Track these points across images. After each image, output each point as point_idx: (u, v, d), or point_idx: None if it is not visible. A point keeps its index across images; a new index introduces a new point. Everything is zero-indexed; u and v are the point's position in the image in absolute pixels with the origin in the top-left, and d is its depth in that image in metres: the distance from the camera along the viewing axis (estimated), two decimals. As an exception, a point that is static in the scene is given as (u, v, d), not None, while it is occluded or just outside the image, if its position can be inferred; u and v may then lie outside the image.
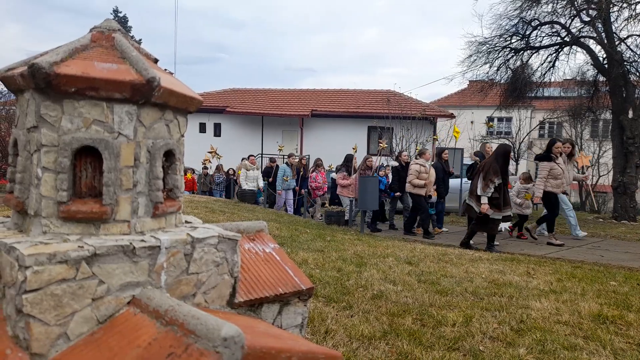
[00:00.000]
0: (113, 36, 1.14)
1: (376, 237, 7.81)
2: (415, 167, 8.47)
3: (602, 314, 3.31)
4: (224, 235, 1.20)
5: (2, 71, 1.13)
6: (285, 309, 1.37)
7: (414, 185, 8.38)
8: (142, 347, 0.85)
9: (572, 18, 13.73)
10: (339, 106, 21.70)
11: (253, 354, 0.82)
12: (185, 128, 1.27)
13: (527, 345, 2.72)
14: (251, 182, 11.75)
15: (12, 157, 1.16)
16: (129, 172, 1.08)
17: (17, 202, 1.09)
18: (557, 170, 7.52)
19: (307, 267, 4.32)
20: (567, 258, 6.24)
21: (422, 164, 8.45)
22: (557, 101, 20.68)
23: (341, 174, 9.66)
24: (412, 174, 8.42)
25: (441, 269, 4.69)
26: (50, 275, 0.90)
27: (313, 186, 11.13)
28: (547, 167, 7.55)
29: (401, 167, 9.60)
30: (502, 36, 14.52)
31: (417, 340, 2.71)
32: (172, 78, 1.23)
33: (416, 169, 8.42)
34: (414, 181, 8.35)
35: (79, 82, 1.00)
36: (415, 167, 8.46)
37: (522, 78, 14.72)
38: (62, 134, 1.02)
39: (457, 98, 27.64)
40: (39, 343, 0.90)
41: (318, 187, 11.21)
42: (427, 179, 8.39)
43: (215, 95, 24.00)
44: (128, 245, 1.00)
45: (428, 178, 8.41)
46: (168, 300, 0.95)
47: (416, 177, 8.36)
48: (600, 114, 17.01)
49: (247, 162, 12.14)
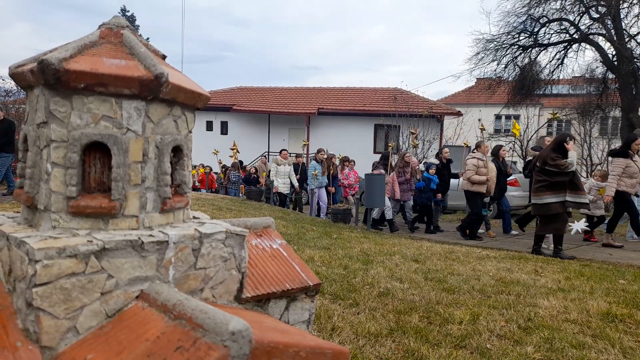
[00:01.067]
0: (122, 33, 1.15)
1: (382, 234, 7.80)
2: (472, 161, 7.65)
3: (611, 313, 3.29)
4: (232, 230, 1.20)
5: (13, 68, 1.14)
6: (292, 304, 1.37)
7: (472, 182, 7.55)
8: (150, 340, 0.85)
9: (581, 15, 13.61)
10: (346, 104, 21.69)
11: (261, 349, 0.82)
12: (193, 124, 1.27)
13: (535, 344, 2.70)
14: (282, 177, 10.78)
15: (22, 152, 1.17)
16: (138, 168, 1.08)
17: (27, 197, 1.10)
18: (634, 168, 6.83)
19: (314, 265, 4.32)
20: (575, 256, 6.19)
21: (480, 158, 7.63)
22: (565, 99, 20.51)
23: (377, 171, 8.99)
24: (470, 169, 7.59)
25: (448, 267, 4.67)
26: (59, 269, 0.91)
27: (345, 184, 10.44)
28: (623, 164, 6.84)
29: (442, 166, 8.96)
30: (510, 33, 14.43)
31: (424, 337, 2.70)
32: (180, 74, 1.23)
33: (474, 164, 7.58)
34: (474, 177, 7.50)
35: (88, 78, 1.00)
36: (473, 161, 7.64)
37: (530, 75, 14.62)
38: (71, 129, 1.03)
39: (465, 96, 27.49)
40: (49, 336, 0.91)
41: (350, 185, 10.48)
42: (488, 174, 7.57)
43: (222, 93, 24.08)
44: (136, 240, 1.01)
45: (488, 173, 7.61)
46: (176, 295, 0.95)
47: (474, 172, 7.54)
48: (609, 112, 16.85)
49: (279, 156, 11.20)
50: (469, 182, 7.64)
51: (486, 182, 7.54)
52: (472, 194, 7.69)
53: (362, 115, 20.91)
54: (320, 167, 10.21)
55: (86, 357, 0.88)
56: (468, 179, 7.65)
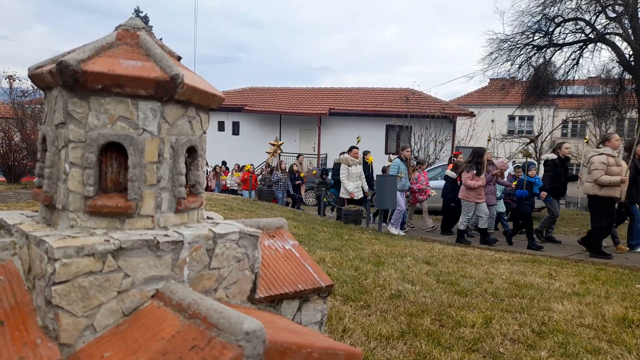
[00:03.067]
0: (138, 34, 1.16)
1: (394, 236, 7.76)
2: (600, 158, 6.11)
3: (627, 318, 3.23)
4: (245, 231, 1.21)
5: (32, 69, 1.16)
6: (305, 305, 1.37)
7: (602, 184, 6.01)
8: (166, 339, 0.86)
9: (597, 14, 13.41)
10: (357, 105, 21.64)
11: (274, 349, 0.83)
12: (207, 125, 1.28)
13: (549, 348, 2.67)
14: (354, 180, 8.99)
15: (41, 152, 1.19)
16: (153, 168, 1.09)
17: (46, 197, 1.12)
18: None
19: (325, 266, 4.32)
20: (590, 260, 6.09)
21: (610, 154, 6.15)
22: (581, 99, 20.21)
23: (470, 172, 7.44)
24: (599, 168, 6.03)
25: (460, 270, 4.63)
26: (77, 267, 0.93)
27: (415, 188, 9.11)
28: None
29: (559, 162, 7.36)
30: (524, 33, 14.28)
31: (436, 340, 2.68)
32: (195, 75, 1.24)
33: (602, 161, 6.06)
34: (603, 178, 5.96)
35: (105, 79, 1.02)
36: (601, 158, 6.10)
37: (544, 76, 14.44)
38: (88, 130, 1.05)
39: (478, 96, 27.27)
40: (67, 334, 0.92)
41: (421, 190, 9.18)
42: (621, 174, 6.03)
43: (234, 94, 24.21)
44: (152, 239, 1.02)
45: (622, 173, 6.06)
46: (191, 294, 0.96)
47: (604, 172, 6.02)
48: (625, 113, 16.55)
49: (348, 155, 9.11)
50: (597, 185, 6.10)
51: (620, 185, 6.04)
52: (600, 200, 6.13)
53: (373, 116, 20.85)
54: (405, 167, 8.57)
55: (103, 354, 0.89)
56: (595, 180, 6.06)
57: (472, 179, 7.36)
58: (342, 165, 9.08)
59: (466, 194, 7.49)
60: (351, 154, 9.10)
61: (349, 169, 8.97)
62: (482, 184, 7.36)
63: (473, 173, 7.39)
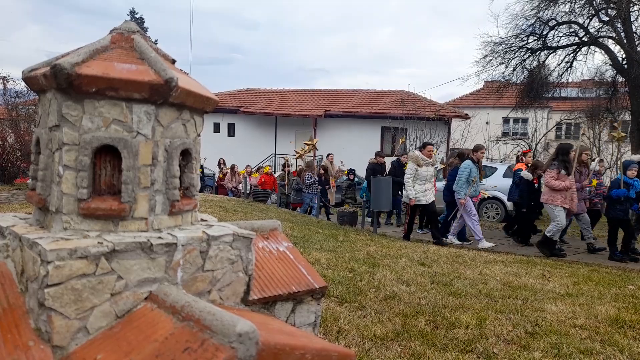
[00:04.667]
0: (132, 37, 1.17)
1: (389, 237, 7.78)
2: None
3: (620, 318, 3.25)
4: (239, 233, 1.21)
5: (26, 72, 1.16)
6: (299, 307, 1.38)
7: None
8: (159, 341, 0.86)
9: (591, 18, 13.53)
10: (353, 107, 21.69)
11: (267, 350, 0.83)
12: (202, 128, 1.29)
13: (542, 349, 2.69)
14: (421, 183, 7.55)
15: (35, 155, 1.19)
16: (147, 171, 1.10)
17: (39, 199, 1.12)
18: None
19: (320, 267, 4.32)
20: (583, 261, 6.13)
21: None
22: (574, 102, 20.36)
23: (554, 171, 6.47)
24: None
25: (455, 271, 4.65)
26: (71, 270, 0.93)
27: None
28: None
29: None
30: (519, 36, 14.37)
31: (430, 341, 2.70)
32: (190, 78, 1.25)
33: None
34: None
35: (99, 83, 1.02)
36: None
37: (538, 78, 14.55)
38: (82, 132, 1.05)
39: (472, 99, 27.37)
40: (60, 336, 0.92)
41: None
42: None
43: (229, 95, 24.18)
44: (146, 242, 1.02)
45: None
46: (184, 297, 0.96)
47: None
48: (619, 115, 16.69)
49: (419, 153, 7.74)
50: None
51: None
52: None
53: (369, 118, 20.90)
54: (477, 169, 7.43)
55: (96, 357, 0.89)
56: None
57: (556, 178, 6.39)
58: (410, 164, 7.65)
59: (551, 196, 6.44)
60: (425, 151, 7.69)
61: (418, 169, 7.49)
62: (569, 186, 6.32)
63: (559, 171, 6.38)
